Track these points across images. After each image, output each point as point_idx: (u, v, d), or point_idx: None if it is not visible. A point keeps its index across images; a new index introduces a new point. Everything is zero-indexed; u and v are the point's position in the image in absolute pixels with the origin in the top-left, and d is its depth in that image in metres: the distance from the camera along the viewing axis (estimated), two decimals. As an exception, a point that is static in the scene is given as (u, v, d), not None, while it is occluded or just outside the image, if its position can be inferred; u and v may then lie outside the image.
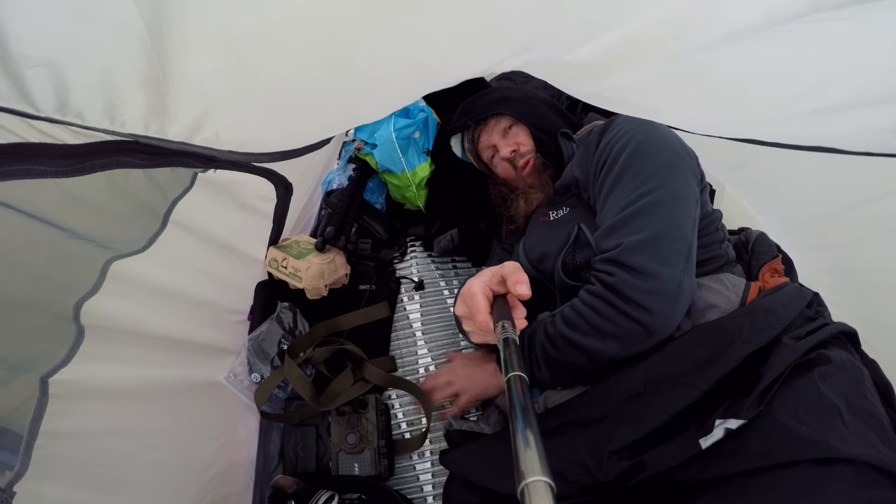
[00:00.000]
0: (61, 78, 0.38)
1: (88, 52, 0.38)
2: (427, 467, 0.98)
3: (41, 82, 0.38)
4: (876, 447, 0.54)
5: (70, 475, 0.54)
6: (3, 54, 0.35)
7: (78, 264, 0.57)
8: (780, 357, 0.63)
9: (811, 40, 0.40)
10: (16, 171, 0.41)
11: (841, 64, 0.42)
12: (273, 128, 0.59)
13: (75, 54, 0.38)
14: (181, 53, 0.40)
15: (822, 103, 0.47)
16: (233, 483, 0.85)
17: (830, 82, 0.45)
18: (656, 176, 0.78)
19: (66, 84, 0.39)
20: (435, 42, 0.50)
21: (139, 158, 0.49)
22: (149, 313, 0.68)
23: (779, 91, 0.49)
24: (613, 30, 0.49)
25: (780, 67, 0.45)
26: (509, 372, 0.47)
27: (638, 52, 0.51)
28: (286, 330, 1.01)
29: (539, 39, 0.52)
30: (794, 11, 0.38)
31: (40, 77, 0.38)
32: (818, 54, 0.42)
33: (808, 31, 0.39)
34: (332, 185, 1.27)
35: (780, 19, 0.39)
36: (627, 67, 0.55)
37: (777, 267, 0.80)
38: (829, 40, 0.40)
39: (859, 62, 0.42)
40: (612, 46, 0.51)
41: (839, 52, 0.41)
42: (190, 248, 0.74)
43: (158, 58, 0.40)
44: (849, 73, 0.43)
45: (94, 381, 0.58)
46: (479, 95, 1.15)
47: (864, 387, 0.60)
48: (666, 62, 0.52)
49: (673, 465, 0.61)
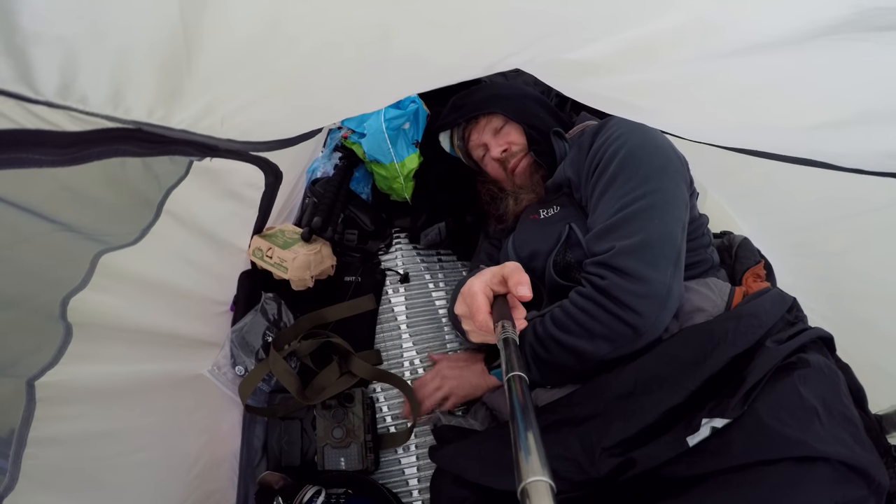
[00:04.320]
0: (72, 57, 0.36)
1: (107, 29, 0.35)
2: (413, 461, 0.98)
3: (47, 62, 0.35)
4: (850, 447, 0.58)
5: (60, 484, 0.51)
6: (10, 30, 0.32)
7: (67, 258, 0.53)
8: (762, 360, 0.66)
9: (824, 58, 0.41)
10: (10, 161, 0.38)
11: (849, 83, 0.44)
12: (277, 114, 0.57)
13: (92, 32, 0.35)
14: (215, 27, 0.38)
15: (824, 119, 0.49)
16: (217, 479, 0.83)
17: (836, 100, 0.46)
18: (648, 181, 0.80)
19: (75, 64, 0.36)
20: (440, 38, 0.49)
21: (139, 147, 0.46)
22: (135, 308, 0.64)
23: (782, 104, 0.50)
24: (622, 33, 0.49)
25: (788, 81, 0.46)
26: (509, 372, 0.48)
27: (643, 56, 0.51)
28: (271, 321, 0.98)
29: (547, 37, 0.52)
30: (817, 32, 0.38)
31: (48, 56, 0.35)
32: (828, 72, 0.43)
33: (823, 49, 0.40)
34: (316, 173, 1.24)
35: (798, 38, 0.40)
36: (630, 69, 0.55)
37: (759, 272, 0.84)
38: (842, 60, 0.41)
39: (868, 82, 0.43)
40: (619, 48, 0.51)
41: (850, 72, 0.42)
42: (179, 239, 0.70)
43: (185, 35, 0.37)
44: (856, 92, 0.44)
45: (81, 382, 0.55)
46: (470, 92, 1.14)
47: (840, 390, 0.64)
48: (670, 67, 0.52)
49: (661, 462, 0.63)
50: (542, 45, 0.54)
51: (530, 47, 0.55)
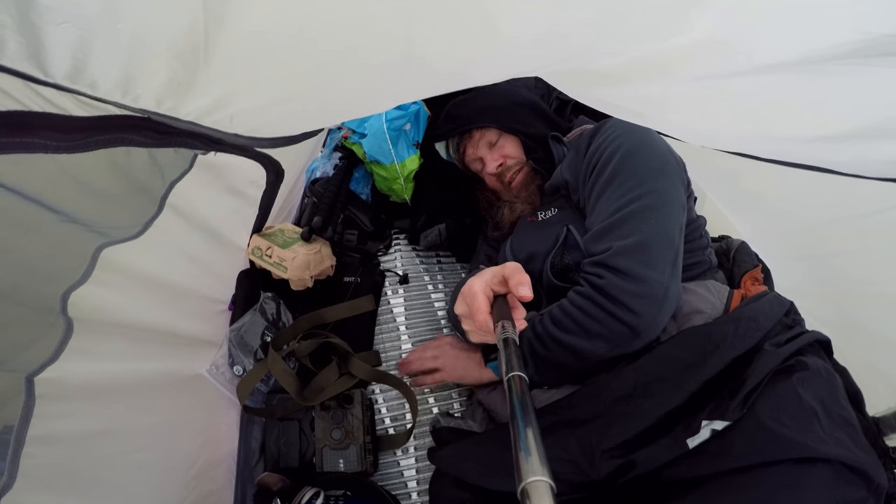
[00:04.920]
0: (86, 39, 0.35)
1: (124, 12, 0.35)
2: (411, 463, 0.98)
3: (61, 42, 0.34)
4: (850, 448, 0.58)
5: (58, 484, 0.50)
6: (26, 4, 0.31)
7: (68, 251, 0.52)
8: (761, 363, 0.66)
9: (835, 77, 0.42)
10: (14, 144, 0.37)
11: (857, 101, 0.44)
12: (289, 113, 0.56)
13: (109, 14, 0.34)
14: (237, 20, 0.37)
15: (829, 131, 0.49)
16: (215, 480, 0.82)
17: (842, 114, 0.47)
18: (645, 182, 0.80)
19: (89, 47, 0.35)
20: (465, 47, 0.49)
21: (146, 136, 0.46)
22: (135, 304, 0.64)
23: (789, 115, 0.51)
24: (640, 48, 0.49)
25: (797, 95, 0.47)
26: (509, 372, 0.48)
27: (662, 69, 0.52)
28: (269, 321, 0.98)
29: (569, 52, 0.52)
30: (828, 56, 0.39)
31: (63, 36, 0.34)
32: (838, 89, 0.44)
33: (835, 70, 0.40)
34: (315, 173, 1.24)
35: (812, 60, 0.40)
36: (644, 82, 0.56)
37: (757, 276, 0.85)
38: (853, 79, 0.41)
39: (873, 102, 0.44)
40: (635, 62, 0.51)
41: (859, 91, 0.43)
42: (180, 234, 0.70)
43: (205, 27, 0.36)
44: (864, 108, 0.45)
45: (80, 379, 0.54)
46: (464, 100, 1.13)
47: (838, 392, 0.65)
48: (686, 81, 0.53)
49: (661, 464, 0.63)
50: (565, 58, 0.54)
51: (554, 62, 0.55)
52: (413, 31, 0.44)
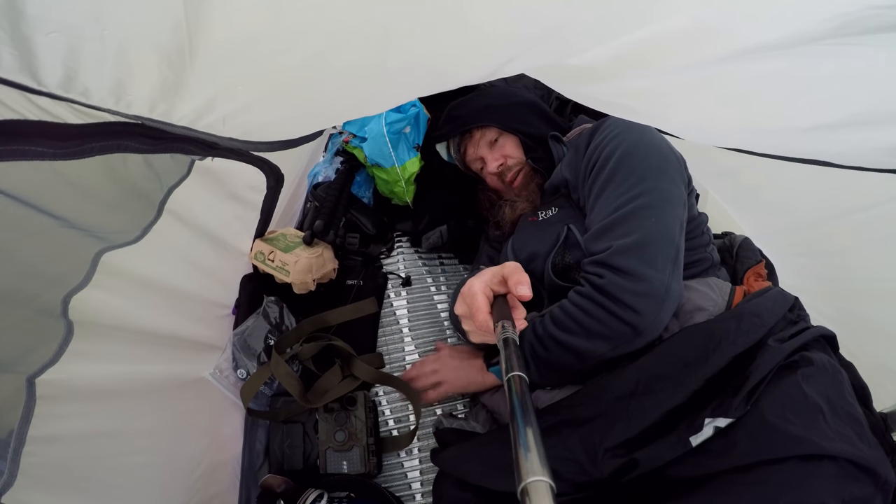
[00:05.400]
0: (75, 47, 0.36)
1: (109, 18, 0.35)
2: (415, 465, 0.98)
3: (52, 52, 0.35)
4: (856, 445, 0.57)
5: (59, 483, 0.51)
6: (16, 16, 0.32)
7: (69, 255, 0.53)
8: (765, 359, 0.65)
9: (824, 60, 0.41)
10: (11, 152, 0.38)
11: (850, 84, 0.44)
12: (279, 115, 0.57)
13: (95, 21, 0.35)
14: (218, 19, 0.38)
15: (824, 120, 0.49)
16: (219, 483, 0.83)
17: (836, 100, 0.46)
18: (645, 180, 0.80)
19: (78, 55, 0.36)
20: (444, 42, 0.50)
21: (140, 142, 0.46)
22: (137, 307, 0.65)
23: (783, 105, 0.50)
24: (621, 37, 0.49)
25: (789, 83, 0.47)
26: (509, 372, 0.47)
27: (645, 60, 0.52)
28: (273, 325, 0.98)
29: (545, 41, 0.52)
30: (813, 35, 0.39)
31: (53, 45, 0.35)
32: (829, 74, 0.43)
33: (824, 52, 0.40)
34: (317, 177, 1.24)
35: (797, 41, 0.40)
36: (629, 75, 0.56)
37: (761, 271, 0.84)
38: (842, 62, 0.41)
39: (868, 84, 0.43)
40: (618, 54, 0.51)
41: (850, 74, 0.43)
42: (180, 239, 0.70)
43: (188, 27, 0.37)
44: (856, 93, 0.44)
45: (82, 381, 0.55)
46: (464, 101, 1.14)
47: (844, 388, 0.64)
48: (672, 72, 0.53)
49: (664, 463, 0.63)
50: (542, 51, 0.54)
51: (529, 52, 0.55)
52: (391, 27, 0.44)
